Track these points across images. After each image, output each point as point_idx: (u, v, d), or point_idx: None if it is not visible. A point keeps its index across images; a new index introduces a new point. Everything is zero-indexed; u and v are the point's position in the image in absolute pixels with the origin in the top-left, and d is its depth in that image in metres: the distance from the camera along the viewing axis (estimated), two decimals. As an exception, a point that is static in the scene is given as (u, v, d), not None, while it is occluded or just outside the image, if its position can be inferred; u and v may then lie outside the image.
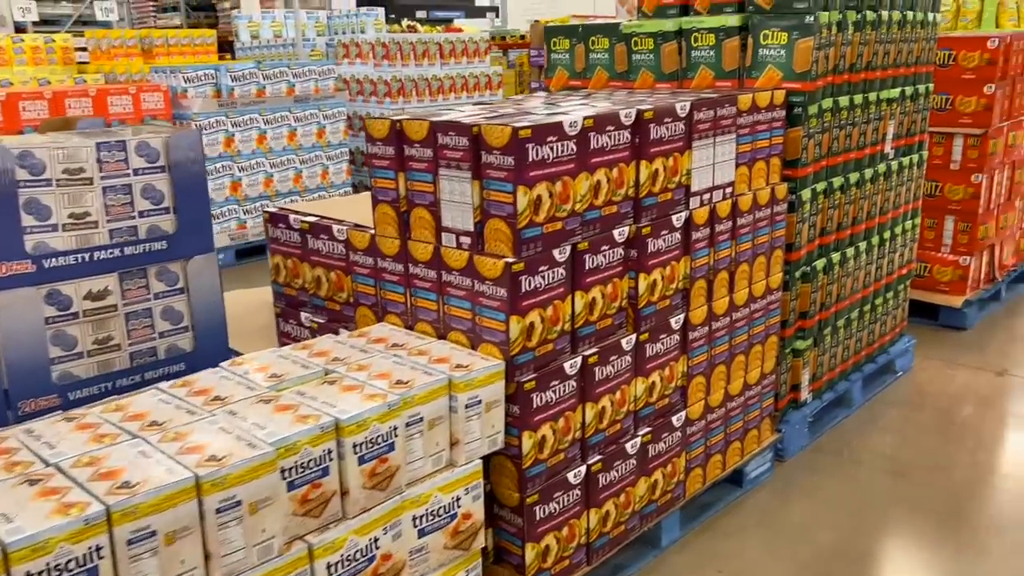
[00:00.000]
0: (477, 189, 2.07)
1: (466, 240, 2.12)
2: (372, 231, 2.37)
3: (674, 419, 2.61)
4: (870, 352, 3.83)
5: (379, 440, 1.82)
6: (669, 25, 3.12)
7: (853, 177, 3.36)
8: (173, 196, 2.61)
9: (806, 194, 3.05)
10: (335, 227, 2.47)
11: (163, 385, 1.98)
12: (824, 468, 3.24)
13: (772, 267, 2.94)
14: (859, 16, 3.18)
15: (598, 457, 2.35)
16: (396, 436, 1.85)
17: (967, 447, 3.40)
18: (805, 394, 3.36)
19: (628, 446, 2.44)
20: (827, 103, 3.08)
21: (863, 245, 3.53)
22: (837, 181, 3.26)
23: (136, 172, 2.54)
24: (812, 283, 3.21)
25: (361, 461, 1.80)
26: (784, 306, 3.11)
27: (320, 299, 2.62)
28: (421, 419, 1.93)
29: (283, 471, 1.67)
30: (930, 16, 3.73)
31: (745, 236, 2.76)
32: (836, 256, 3.35)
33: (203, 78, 6.42)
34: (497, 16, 16.01)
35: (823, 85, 3.03)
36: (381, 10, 9.66)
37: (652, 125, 2.32)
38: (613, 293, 2.33)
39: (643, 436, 2.49)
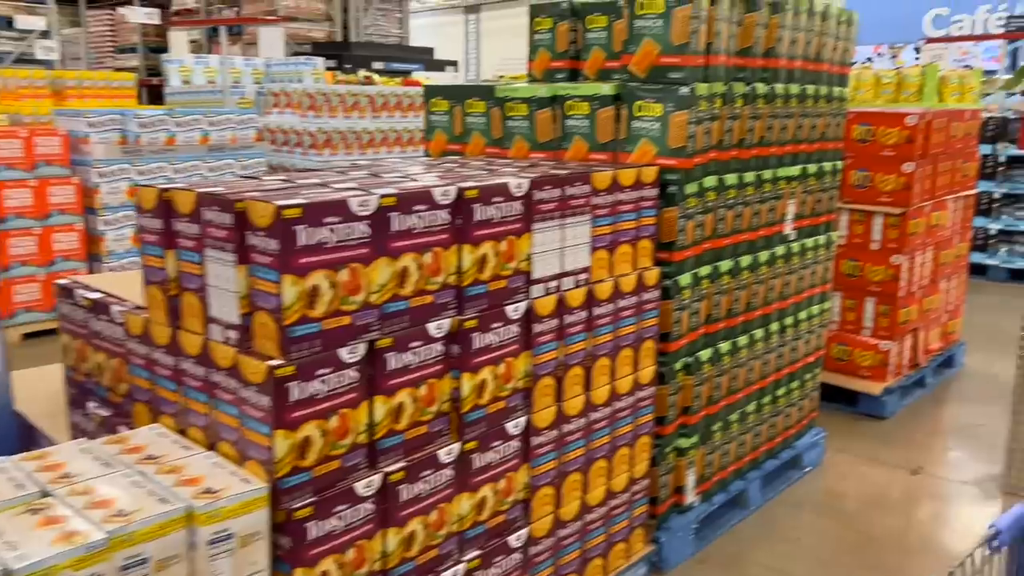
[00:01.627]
0: (243, 275, 1.74)
1: (233, 334, 1.78)
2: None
3: (512, 538, 2.26)
4: (771, 447, 3.52)
5: (71, 592, 1.45)
6: (543, 91, 2.85)
7: (745, 260, 3.08)
8: (-56, 263, 2.27)
9: (685, 279, 2.76)
10: (113, 307, 2.12)
11: None
12: (707, 583, 2.90)
13: (641, 360, 2.63)
14: (749, 88, 2.94)
15: (404, 591, 1.99)
16: (100, 585, 1.49)
17: (865, 562, 3.07)
18: (691, 497, 3.02)
19: (448, 575, 2.08)
20: (710, 181, 2.81)
21: (759, 333, 3.24)
22: (725, 265, 2.98)
23: None
24: (695, 375, 2.90)
25: (43, 620, 1.43)
26: (662, 401, 2.80)
27: (104, 389, 2.25)
28: (144, 560, 1.56)
29: (-86, 641, 1.30)
30: (836, 90, 3.51)
31: (605, 327, 2.45)
32: (725, 345, 3.05)
33: (108, 123, 6.09)
34: (456, 70, 15.92)
35: (703, 162, 2.77)
36: (320, 60, 9.42)
37: (477, 205, 2.02)
38: (428, 396, 2.00)
39: (469, 561, 2.13)
